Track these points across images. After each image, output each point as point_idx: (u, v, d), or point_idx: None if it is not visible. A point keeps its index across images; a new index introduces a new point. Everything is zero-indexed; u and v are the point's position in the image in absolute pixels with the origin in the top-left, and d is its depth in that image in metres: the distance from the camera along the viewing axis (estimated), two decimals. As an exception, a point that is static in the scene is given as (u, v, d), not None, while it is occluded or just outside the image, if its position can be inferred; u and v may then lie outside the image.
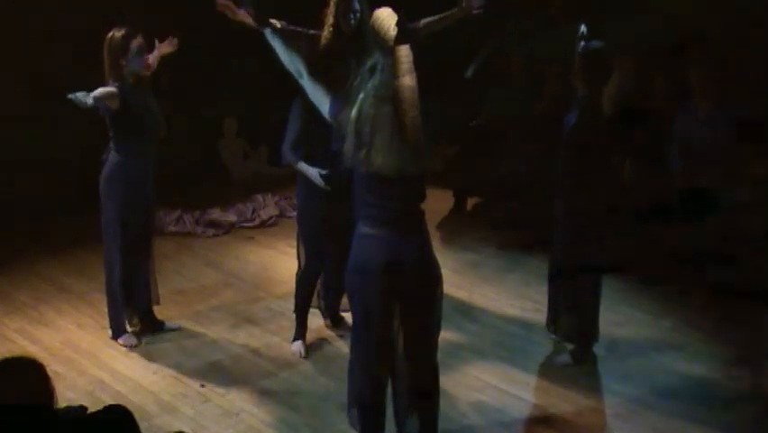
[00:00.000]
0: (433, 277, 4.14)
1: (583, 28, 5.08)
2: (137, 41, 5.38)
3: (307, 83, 4.29)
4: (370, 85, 3.94)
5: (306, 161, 5.24)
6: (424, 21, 5.07)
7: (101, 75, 5.37)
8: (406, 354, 4.16)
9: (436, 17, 5.10)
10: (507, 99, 7.91)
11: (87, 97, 5.13)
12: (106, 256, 5.64)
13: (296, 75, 4.36)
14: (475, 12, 4.93)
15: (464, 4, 4.91)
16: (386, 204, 3.98)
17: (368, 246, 4.03)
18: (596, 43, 5.10)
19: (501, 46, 7.79)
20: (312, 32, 5.16)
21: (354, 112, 3.95)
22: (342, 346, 5.60)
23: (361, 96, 3.95)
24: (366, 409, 4.26)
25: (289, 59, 4.35)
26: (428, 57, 4.14)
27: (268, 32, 4.44)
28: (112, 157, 5.46)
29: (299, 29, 5.14)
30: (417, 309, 4.12)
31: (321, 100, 4.26)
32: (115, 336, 5.71)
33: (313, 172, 5.20)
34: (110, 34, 5.37)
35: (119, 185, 5.46)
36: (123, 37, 5.35)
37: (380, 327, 4.09)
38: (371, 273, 4.01)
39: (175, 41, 5.61)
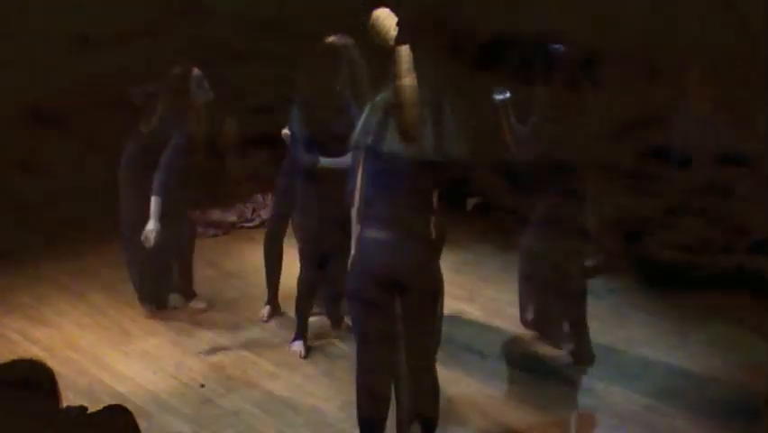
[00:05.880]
0: (433, 283, 4.09)
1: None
2: (196, 72, 5.44)
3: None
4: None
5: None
6: None
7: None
8: (406, 361, 4.12)
9: None
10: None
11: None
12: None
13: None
14: None
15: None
16: (392, 201, 3.94)
17: (369, 250, 3.99)
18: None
19: None
20: None
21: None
22: (343, 347, 5.60)
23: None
24: (366, 414, 4.20)
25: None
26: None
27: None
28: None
29: None
30: (416, 317, 4.06)
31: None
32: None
33: (341, 160, 5.00)
34: (173, 74, 5.46)
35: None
36: (184, 72, 5.44)
37: (379, 333, 4.04)
38: (371, 277, 3.98)
39: None
